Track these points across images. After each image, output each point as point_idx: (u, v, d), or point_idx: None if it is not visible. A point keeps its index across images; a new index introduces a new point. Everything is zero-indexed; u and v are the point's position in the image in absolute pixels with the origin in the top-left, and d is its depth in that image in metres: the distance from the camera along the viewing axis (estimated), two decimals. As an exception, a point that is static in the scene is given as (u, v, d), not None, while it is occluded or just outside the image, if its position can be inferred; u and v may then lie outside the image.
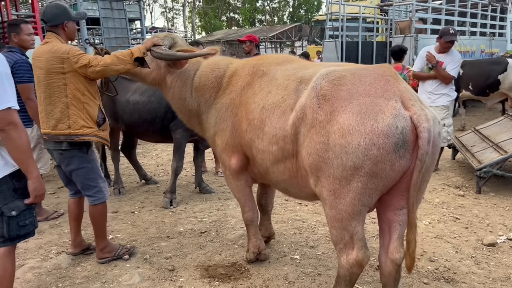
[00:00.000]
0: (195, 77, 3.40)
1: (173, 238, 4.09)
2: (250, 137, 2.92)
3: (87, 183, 3.41)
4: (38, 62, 3.26)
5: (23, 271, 3.40)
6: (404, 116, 2.20)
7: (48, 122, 3.28)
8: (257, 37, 7.29)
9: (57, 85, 3.22)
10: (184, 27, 40.73)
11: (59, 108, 3.25)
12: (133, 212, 4.89)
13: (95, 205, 3.47)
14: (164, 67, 3.45)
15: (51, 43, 3.29)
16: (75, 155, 3.33)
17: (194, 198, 5.34)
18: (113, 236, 4.16)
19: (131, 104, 5.02)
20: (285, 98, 2.70)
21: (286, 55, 3.38)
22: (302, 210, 4.75)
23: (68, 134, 3.27)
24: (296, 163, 2.65)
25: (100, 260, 3.56)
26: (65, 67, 3.20)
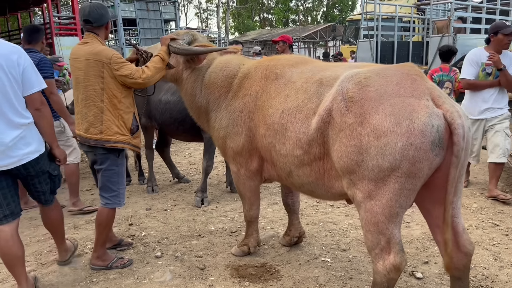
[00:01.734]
0: (206, 74, 3.43)
1: (204, 236, 4.12)
2: (269, 141, 2.92)
3: (108, 185, 3.39)
4: (77, 63, 3.25)
5: (60, 265, 3.51)
6: (438, 114, 2.20)
7: (82, 124, 3.30)
8: (291, 37, 7.26)
9: (93, 89, 3.21)
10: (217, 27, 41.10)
11: (92, 112, 3.23)
12: (165, 210, 4.96)
13: (107, 208, 3.40)
14: (183, 63, 3.50)
15: (92, 44, 3.27)
16: (108, 157, 3.34)
17: (225, 198, 5.36)
18: (146, 233, 4.23)
19: (163, 103, 5.11)
20: (306, 102, 2.68)
21: (298, 55, 3.36)
22: (334, 212, 4.69)
23: (100, 139, 3.24)
24: (323, 165, 2.64)
25: (94, 266, 3.46)
26: (104, 72, 3.19)
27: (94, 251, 3.49)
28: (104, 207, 3.42)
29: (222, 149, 3.42)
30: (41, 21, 14.42)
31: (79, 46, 3.35)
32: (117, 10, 16.15)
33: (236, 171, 3.36)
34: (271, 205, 4.91)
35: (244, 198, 3.51)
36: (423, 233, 3.99)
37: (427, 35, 11.61)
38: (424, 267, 3.41)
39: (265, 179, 3.34)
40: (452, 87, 6.85)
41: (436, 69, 6.93)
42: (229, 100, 3.26)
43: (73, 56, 3.31)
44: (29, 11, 15.11)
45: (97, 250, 3.47)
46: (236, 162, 3.30)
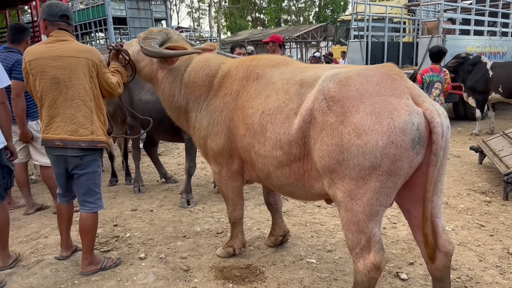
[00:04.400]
0: (185, 73, 3.36)
1: (189, 237, 4.08)
2: (249, 142, 2.89)
3: (93, 188, 3.29)
4: (55, 61, 3.06)
5: (41, 267, 3.45)
6: (418, 112, 2.21)
7: (64, 127, 3.10)
8: (282, 37, 7.23)
9: (83, 87, 3.11)
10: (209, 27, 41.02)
11: (82, 112, 3.11)
12: (151, 210, 4.91)
13: (93, 213, 3.31)
14: (157, 62, 3.43)
15: (72, 42, 3.18)
16: (95, 159, 3.26)
17: (212, 198, 5.32)
18: (130, 234, 4.18)
19: (143, 103, 5.06)
20: (287, 102, 2.66)
21: (279, 56, 3.34)
22: (321, 213, 4.67)
23: (92, 140, 3.14)
24: (303, 166, 2.62)
25: (87, 272, 3.35)
26: (94, 72, 3.15)
27: (85, 258, 3.36)
28: (89, 213, 3.31)
29: (203, 149, 3.37)
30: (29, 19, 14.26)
31: (51, 44, 3.14)
32: (107, 9, 16.05)
33: (218, 172, 3.32)
34: (258, 206, 4.88)
35: (227, 199, 3.47)
36: (409, 234, 3.98)
37: (417, 36, 11.66)
38: (409, 268, 3.40)
39: (246, 180, 3.31)
40: (441, 88, 6.88)
41: (426, 69, 6.95)
42: (210, 100, 3.22)
43: (45, 54, 3.08)
44: (17, 9, 14.92)
45: (88, 257, 3.36)
46: (217, 163, 3.26)
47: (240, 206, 3.50)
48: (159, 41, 3.33)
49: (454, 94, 9.74)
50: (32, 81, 3.14)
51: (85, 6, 18.41)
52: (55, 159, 3.25)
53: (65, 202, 3.50)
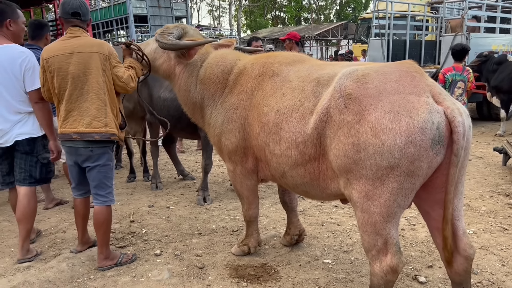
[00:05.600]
0: (201, 68, 3.34)
1: (205, 235, 4.07)
2: (263, 140, 2.86)
3: (105, 181, 3.33)
4: (69, 58, 3.12)
5: (58, 261, 3.49)
6: (438, 111, 2.14)
7: (81, 120, 3.17)
8: (299, 34, 7.17)
9: (96, 81, 3.14)
10: (229, 25, 41.09)
11: (96, 105, 3.16)
12: (168, 207, 4.93)
13: (105, 206, 3.35)
14: (174, 58, 3.41)
15: (85, 37, 3.22)
16: (106, 152, 3.29)
17: (228, 196, 5.31)
18: (146, 230, 4.20)
19: (162, 100, 5.07)
20: (303, 101, 2.61)
21: (295, 53, 3.27)
22: (338, 213, 4.60)
23: (105, 132, 3.18)
24: (318, 166, 2.57)
25: (103, 267, 3.38)
26: (106, 65, 3.18)
27: (100, 252, 3.39)
28: (102, 206, 3.35)
29: (218, 146, 3.36)
30: (53, 17, 14.53)
31: (65, 41, 3.20)
32: (129, 7, 16.23)
33: (232, 170, 3.30)
34: (274, 205, 4.85)
35: (242, 198, 3.45)
36: (429, 236, 3.87)
37: (440, 34, 11.41)
38: (428, 271, 3.32)
39: (261, 178, 3.27)
40: (464, 87, 6.71)
41: (449, 68, 6.79)
42: (225, 97, 3.19)
43: (61, 51, 3.14)
44: (41, 7, 15.23)
45: (104, 252, 3.39)
46: (232, 161, 3.24)
47: (255, 204, 3.47)
48: (176, 35, 3.33)
49: (478, 94, 9.49)
50: (50, 78, 3.21)
51: (107, 4, 18.66)
52: (68, 151, 3.33)
53: (79, 197, 3.53)
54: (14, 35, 3.60)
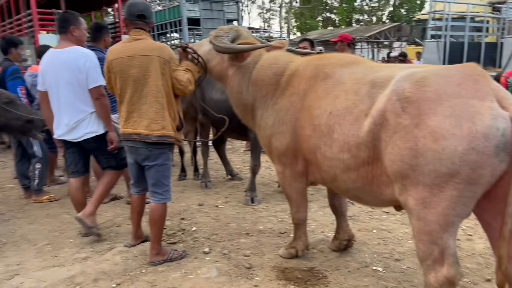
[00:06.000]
0: (254, 70, 3.35)
1: (252, 235, 4.09)
2: (315, 143, 2.82)
3: (162, 180, 3.43)
4: (131, 60, 3.22)
5: (113, 254, 3.63)
6: (504, 116, 2.02)
7: (140, 122, 3.27)
8: (350, 36, 7.05)
9: (155, 84, 3.22)
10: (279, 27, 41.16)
11: (154, 108, 3.24)
12: (217, 206, 5.00)
13: (161, 204, 3.45)
14: (227, 60, 3.44)
15: (146, 40, 3.32)
16: (164, 152, 3.39)
17: (276, 197, 5.31)
18: (196, 228, 4.29)
19: (214, 101, 5.15)
20: (357, 103, 2.56)
21: (350, 55, 3.20)
22: (389, 219, 4.48)
23: (162, 135, 3.27)
24: (371, 171, 2.51)
25: (155, 262, 3.48)
26: (165, 69, 3.26)
27: (152, 248, 3.50)
28: (158, 203, 3.46)
29: (267, 148, 3.37)
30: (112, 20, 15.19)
31: (128, 43, 3.33)
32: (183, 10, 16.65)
33: (281, 172, 3.29)
34: (322, 208, 4.79)
35: (291, 200, 3.44)
36: (487, 248, 3.68)
37: (502, 35, 10.83)
38: (486, 284, 3.15)
39: (311, 181, 3.24)
40: (528, 92, 6.33)
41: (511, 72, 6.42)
42: (277, 98, 3.19)
43: (123, 54, 3.26)
44: (101, 11, 15.97)
45: (156, 247, 3.50)
46: (281, 163, 3.23)
47: (303, 207, 3.45)
48: (230, 38, 3.37)
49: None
50: (113, 79, 3.35)
51: (162, 8, 19.25)
52: (128, 150, 3.46)
53: (136, 193, 3.66)
54: (77, 39, 3.89)
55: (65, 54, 3.76)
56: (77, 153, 4.02)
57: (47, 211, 4.92)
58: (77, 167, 4.05)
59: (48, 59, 3.87)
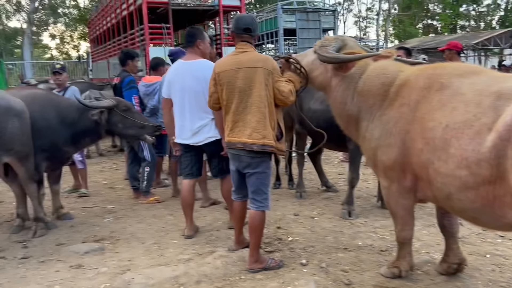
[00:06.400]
0: (360, 80, 3.23)
1: (351, 251, 3.96)
2: (427, 157, 2.64)
3: (261, 188, 3.49)
4: (237, 72, 3.36)
5: (214, 257, 3.75)
6: None
7: (243, 131, 3.38)
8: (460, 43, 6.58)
9: (258, 95, 3.31)
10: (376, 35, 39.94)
11: (257, 117, 3.32)
12: (312, 217, 4.95)
13: (259, 211, 3.50)
14: (331, 70, 3.37)
15: (252, 53, 3.46)
16: (264, 160, 3.47)
17: (375, 213, 5.10)
18: (292, 238, 4.27)
19: (311, 112, 5.11)
20: (479, 116, 2.36)
21: (467, 64, 2.93)
22: (505, 244, 4.05)
23: (263, 144, 3.34)
24: (493, 191, 2.29)
25: (254, 269, 3.52)
26: (269, 79, 3.34)
27: (251, 255, 3.56)
28: (257, 211, 3.52)
29: (372, 161, 3.24)
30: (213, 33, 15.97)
31: (234, 56, 3.47)
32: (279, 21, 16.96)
33: (387, 187, 3.14)
34: (426, 227, 4.48)
35: (396, 217, 3.26)
36: None
37: None
38: None
39: (419, 199, 3.05)
40: None
41: None
42: (384, 110, 3.06)
43: (230, 66, 3.41)
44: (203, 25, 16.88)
45: (254, 255, 3.55)
46: (387, 177, 3.09)
47: (409, 225, 3.26)
48: (336, 48, 3.32)
49: None
50: (220, 90, 3.51)
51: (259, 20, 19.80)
52: (232, 157, 3.60)
53: (237, 199, 3.77)
54: (202, 52, 4.20)
55: (194, 65, 4.11)
56: (194, 156, 4.30)
57: (153, 212, 5.27)
58: (192, 169, 4.33)
59: (177, 69, 4.23)
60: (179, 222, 4.79)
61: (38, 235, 4.47)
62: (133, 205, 5.64)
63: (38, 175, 4.58)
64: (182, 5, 13.44)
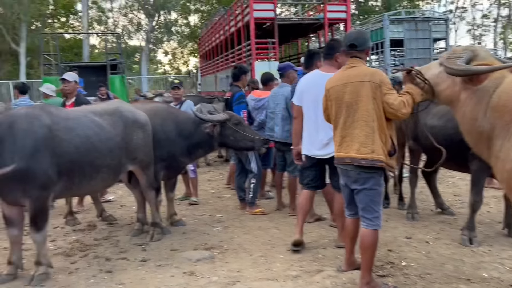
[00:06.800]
0: (494, 95, 2.89)
1: (474, 282, 3.59)
2: None
3: (371, 205, 3.36)
4: (345, 87, 3.35)
5: (322, 277, 3.66)
6: None
7: (351, 146, 3.33)
8: None
9: (366, 109, 3.25)
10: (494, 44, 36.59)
11: (364, 132, 3.26)
12: (427, 242, 4.60)
13: (371, 230, 3.36)
14: (460, 83, 3.07)
15: (360, 67, 3.40)
16: (373, 176, 3.34)
17: (500, 241, 4.57)
18: (406, 263, 4.00)
19: (428, 128, 4.74)
20: None
21: None
22: None
23: (371, 159, 3.25)
24: None
25: None
26: (377, 93, 3.25)
27: (362, 277, 3.42)
28: (368, 229, 3.38)
29: (508, 184, 2.88)
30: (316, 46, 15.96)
31: (343, 72, 3.47)
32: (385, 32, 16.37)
33: None
34: None
35: None
36: None
37: None
38: None
39: None
40: None
41: None
42: None
43: (339, 82, 3.41)
44: (307, 38, 16.97)
45: (366, 276, 3.40)
46: None
47: None
48: (465, 59, 3.04)
49: None
50: (330, 106, 3.52)
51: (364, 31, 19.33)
52: (341, 172, 3.54)
53: (349, 216, 3.67)
54: (339, 65, 4.10)
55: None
56: (319, 170, 4.32)
57: (259, 224, 5.34)
58: (317, 182, 4.38)
59: (312, 80, 4.25)
60: (285, 236, 4.79)
61: (154, 240, 4.78)
62: (239, 215, 5.78)
63: (157, 183, 4.92)
64: (287, 20, 13.68)
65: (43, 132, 3.69)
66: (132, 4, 33.90)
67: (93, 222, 5.58)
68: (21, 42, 27.18)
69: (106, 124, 4.23)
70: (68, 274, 3.95)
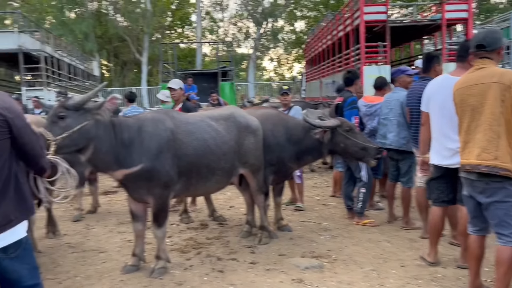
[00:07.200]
0: None
1: None
2: None
3: (506, 220, 3.02)
4: (470, 90, 3.15)
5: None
6: None
7: (473, 152, 3.10)
8: None
9: (491, 112, 3.01)
10: None
11: (487, 136, 3.02)
12: None
13: (509, 247, 3.01)
14: None
15: (488, 68, 3.14)
16: (504, 186, 3.01)
17: None
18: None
19: None
20: None
21: None
22: None
23: (493, 165, 2.98)
24: None
25: None
26: (506, 95, 2.97)
27: None
28: (506, 246, 3.05)
29: None
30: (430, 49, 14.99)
31: (470, 73, 3.26)
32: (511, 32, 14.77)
33: None
34: None
35: None
36: None
37: None
38: None
39: None
40: None
41: None
42: None
43: (465, 84, 3.22)
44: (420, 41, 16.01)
45: None
46: None
47: None
48: None
49: None
50: (455, 109, 3.32)
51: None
52: (464, 182, 3.29)
53: (473, 233, 3.35)
54: None
55: None
56: (449, 182, 3.89)
57: (369, 236, 5.11)
58: (448, 196, 3.98)
59: (440, 84, 3.94)
60: (398, 251, 4.52)
61: (262, 243, 4.84)
62: (347, 225, 5.60)
63: (266, 187, 4.98)
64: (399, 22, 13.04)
65: (167, 135, 3.96)
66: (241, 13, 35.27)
67: (205, 221, 5.85)
68: (143, 52, 29.91)
69: (222, 129, 4.41)
70: (183, 270, 4.17)
